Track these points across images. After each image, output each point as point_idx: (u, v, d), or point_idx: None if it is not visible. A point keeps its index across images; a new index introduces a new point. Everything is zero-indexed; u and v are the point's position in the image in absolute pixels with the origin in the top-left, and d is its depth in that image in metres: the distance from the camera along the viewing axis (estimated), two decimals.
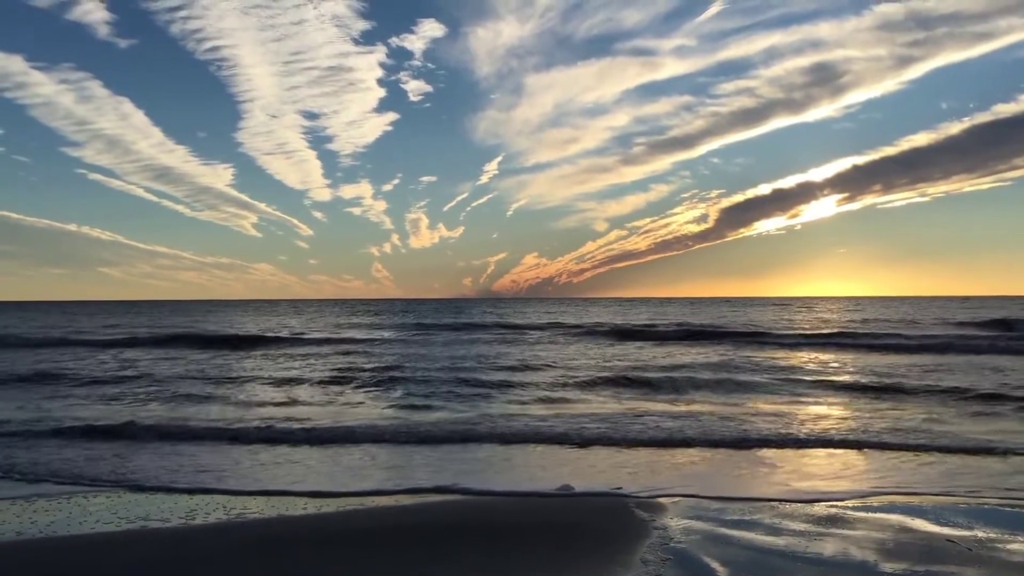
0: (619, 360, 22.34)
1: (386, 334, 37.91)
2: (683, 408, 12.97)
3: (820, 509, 6.49)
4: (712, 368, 19.38)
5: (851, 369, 19.43)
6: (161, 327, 43.92)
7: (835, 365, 20.57)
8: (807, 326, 41.10)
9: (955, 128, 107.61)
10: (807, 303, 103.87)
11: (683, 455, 9.11)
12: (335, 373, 19.03)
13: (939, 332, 32.20)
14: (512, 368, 19.80)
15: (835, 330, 35.04)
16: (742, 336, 31.92)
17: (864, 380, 16.48)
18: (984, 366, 19.20)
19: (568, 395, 14.81)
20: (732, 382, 16.47)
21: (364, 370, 19.49)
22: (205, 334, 34.50)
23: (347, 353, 26.01)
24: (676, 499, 6.88)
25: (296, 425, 11.12)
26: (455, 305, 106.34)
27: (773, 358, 22.61)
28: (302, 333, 37.15)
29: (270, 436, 10.30)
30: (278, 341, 31.61)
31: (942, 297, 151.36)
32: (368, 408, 13.44)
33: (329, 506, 6.85)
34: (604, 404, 13.61)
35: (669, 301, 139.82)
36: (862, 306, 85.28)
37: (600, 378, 17.04)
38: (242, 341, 30.72)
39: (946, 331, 33.06)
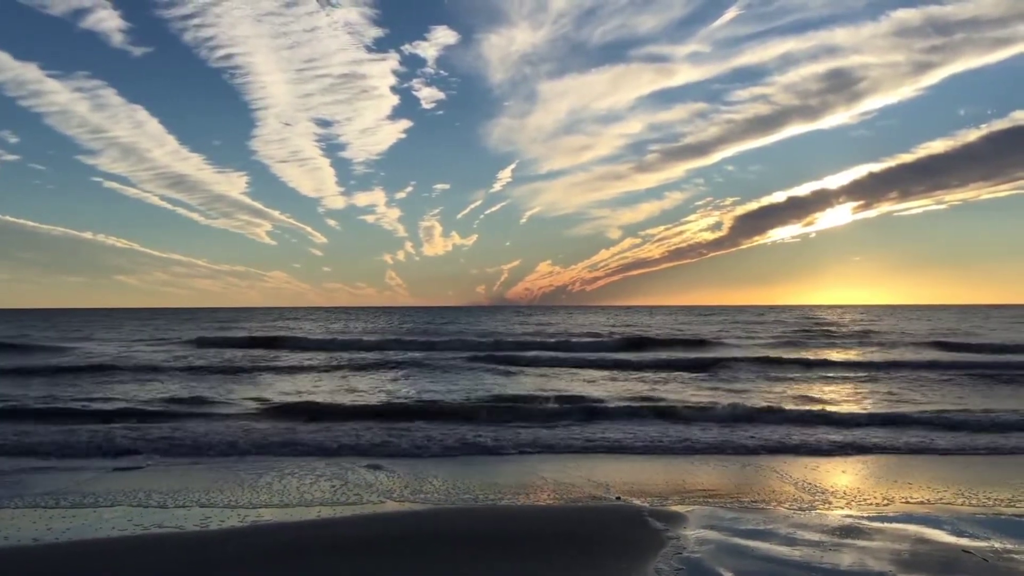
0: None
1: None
2: None
3: (836, 519, 6.47)
4: None
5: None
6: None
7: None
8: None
9: (973, 135, 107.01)
10: (805, 311, 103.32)
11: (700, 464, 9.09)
12: None
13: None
14: None
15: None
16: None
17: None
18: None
19: None
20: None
21: None
22: None
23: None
24: (691, 508, 6.87)
25: None
26: (440, 314, 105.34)
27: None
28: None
29: None
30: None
31: (957, 306, 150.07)
32: None
33: (343, 512, 6.88)
34: None
35: (678, 309, 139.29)
36: (850, 314, 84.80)
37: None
38: None
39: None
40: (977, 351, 27.59)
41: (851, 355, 27.27)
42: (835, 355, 27.13)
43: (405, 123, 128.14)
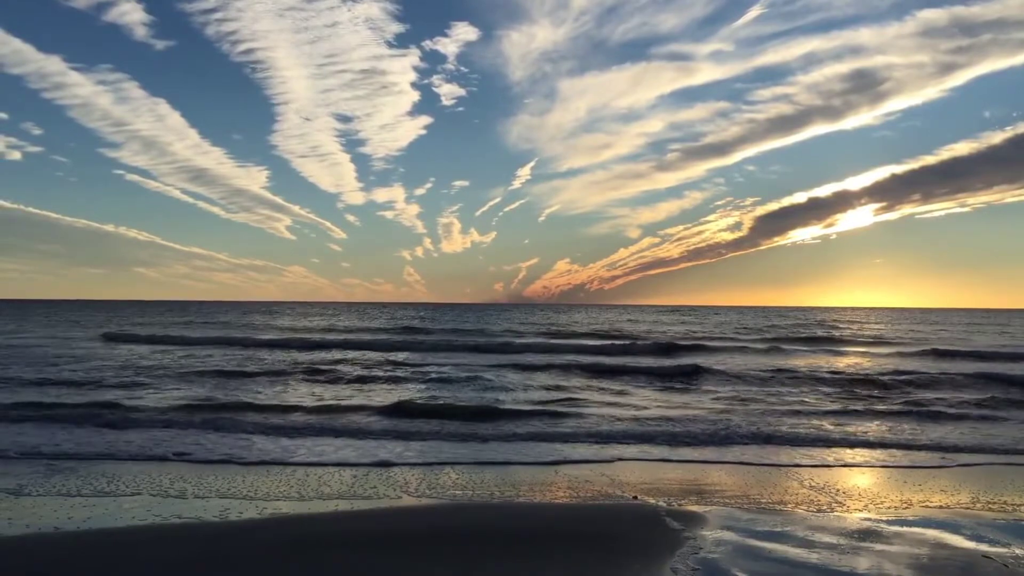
0: None
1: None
2: None
3: (854, 523, 6.44)
4: None
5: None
6: None
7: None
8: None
9: (997, 137, 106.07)
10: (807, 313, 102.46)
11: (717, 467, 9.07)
12: None
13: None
14: None
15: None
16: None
17: None
18: None
19: None
20: None
21: None
22: None
23: None
24: (708, 509, 6.86)
25: None
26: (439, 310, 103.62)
27: None
28: None
29: None
30: None
31: (980, 310, 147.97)
32: None
33: (360, 506, 6.92)
34: None
35: (691, 309, 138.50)
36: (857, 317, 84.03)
37: None
38: None
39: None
40: (967, 358, 26.97)
41: (849, 363, 27.06)
42: (823, 362, 26.94)
43: (425, 119, 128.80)
